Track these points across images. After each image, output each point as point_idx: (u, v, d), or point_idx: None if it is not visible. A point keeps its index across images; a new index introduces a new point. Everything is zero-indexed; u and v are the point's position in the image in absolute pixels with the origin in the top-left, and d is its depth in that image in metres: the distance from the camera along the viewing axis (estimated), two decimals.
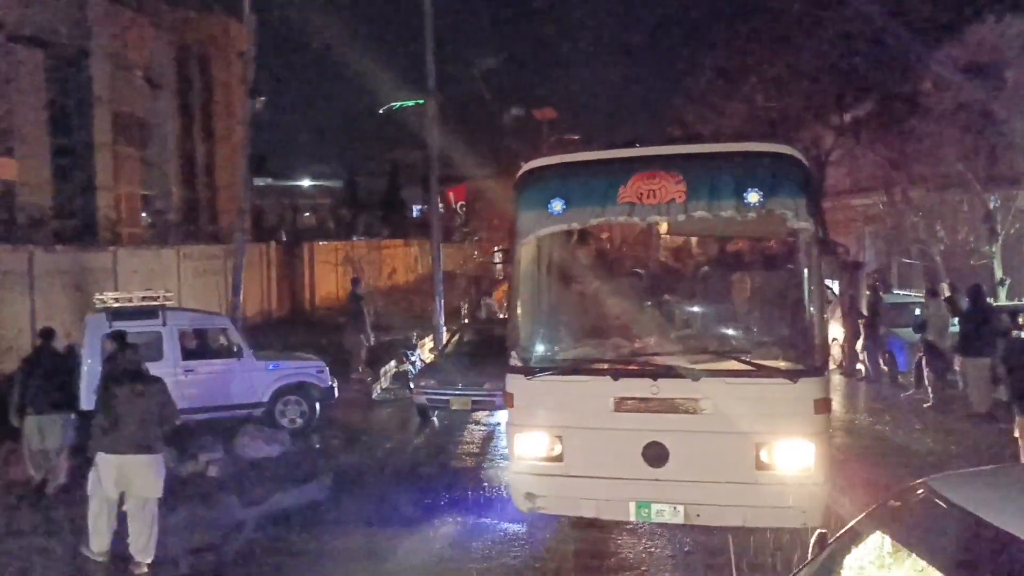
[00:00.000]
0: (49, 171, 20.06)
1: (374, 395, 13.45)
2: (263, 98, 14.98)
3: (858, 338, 13.92)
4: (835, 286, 17.67)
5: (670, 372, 5.89)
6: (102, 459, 6.42)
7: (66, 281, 15.52)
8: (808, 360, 5.86)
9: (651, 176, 6.01)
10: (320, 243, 28.90)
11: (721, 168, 6.00)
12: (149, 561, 6.37)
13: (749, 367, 5.84)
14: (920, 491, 2.64)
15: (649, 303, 6.79)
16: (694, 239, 7.89)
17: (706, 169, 6.03)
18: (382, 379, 14.28)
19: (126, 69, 23.65)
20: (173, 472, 8.69)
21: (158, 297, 10.81)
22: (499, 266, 15.39)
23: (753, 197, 5.77)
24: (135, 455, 6.35)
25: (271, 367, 11.12)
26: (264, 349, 12.04)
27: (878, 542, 2.64)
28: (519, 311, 6.46)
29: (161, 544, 6.55)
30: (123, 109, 23.39)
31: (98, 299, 10.62)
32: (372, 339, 14.77)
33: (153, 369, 7.74)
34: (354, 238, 35.94)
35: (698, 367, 5.88)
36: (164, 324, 10.43)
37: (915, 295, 15.66)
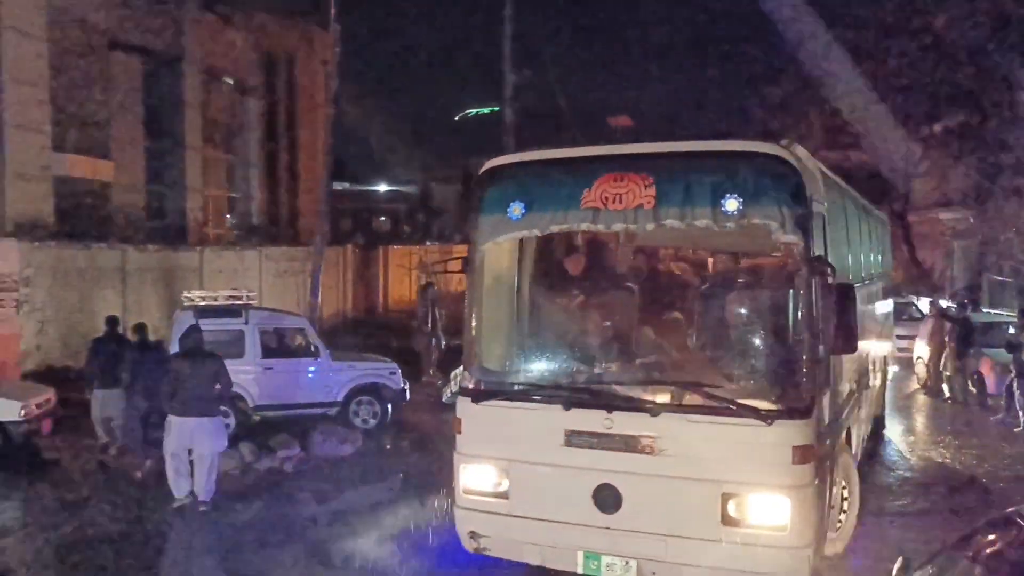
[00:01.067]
0: (143, 173, 20.93)
1: (444, 398, 13.55)
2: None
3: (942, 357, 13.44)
4: (923, 303, 17.02)
5: (626, 404, 5.19)
6: (172, 420, 7.89)
7: (156, 278, 16.22)
8: (788, 399, 4.98)
9: (618, 178, 5.31)
10: (394, 247, 29.42)
11: (696, 171, 5.24)
12: (208, 499, 7.92)
13: (716, 403, 5.03)
14: (1013, 521, 2.55)
15: (612, 323, 6.06)
16: (670, 251, 7.17)
17: (679, 171, 5.27)
18: (452, 383, 14.40)
19: (215, 76, 24.51)
20: (252, 466, 9.16)
21: (241, 297, 11.21)
22: (440, 275, 15.29)
23: (731, 204, 5.00)
24: (197, 417, 7.78)
25: (346, 367, 11.37)
26: (339, 350, 12.32)
27: (967, 571, 2.55)
28: (473, 326, 5.85)
29: (233, 536, 7.07)
30: (212, 114, 24.25)
31: (186, 297, 11.08)
32: (443, 343, 14.93)
33: (234, 365, 9.01)
34: (427, 243, 36.43)
35: (659, 400, 5.17)
36: (247, 323, 10.81)
37: (1007, 314, 15.00)
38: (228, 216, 26.41)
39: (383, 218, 58.57)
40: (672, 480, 5.06)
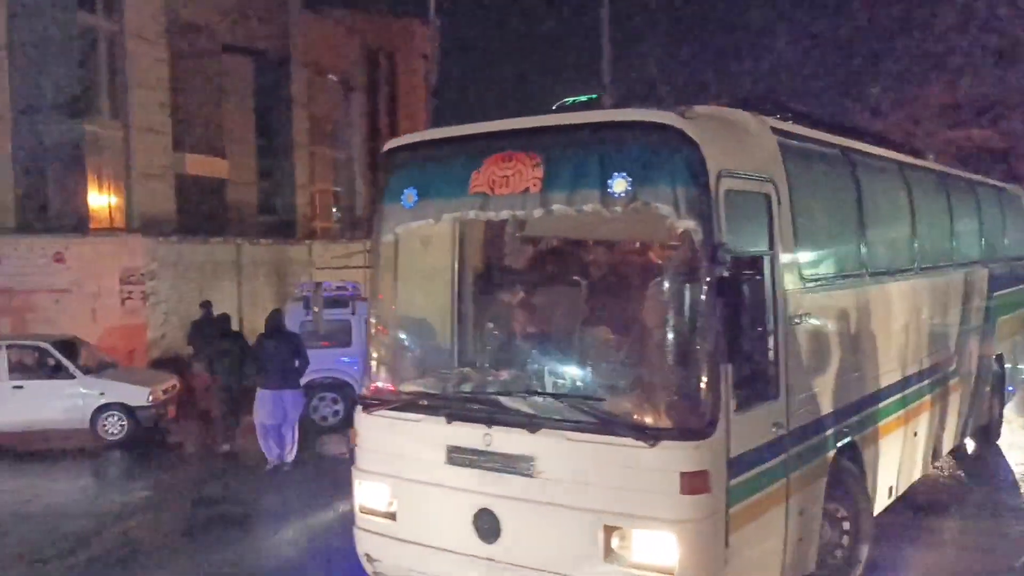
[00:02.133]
0: (254, 170, 21.86)
1: None
2: None
3: None
4: None
5: (505, 419, 4.56)
6: (262, 394, 9.03)
7: (268, 271, 16.98)
8: (679, 416, 4.26)
9: (506, 159, 4.65)
10: None
11: (583, 147, 4.51)
12: (292, 459, 9.33)
13: (594, 419, 4.32)
14: None
15: (498, 324, 5.45)
16: (564, 242, 6.04)
17: (566, 148, 4.56)
18: None
19: (321, 73, 25.28)
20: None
21: (347, 288, 11.70)
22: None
23: (619, 185, 4.26)
24: (280, 390, 8.94)
25: None
26: None
27: None
28: (373, 326, 5.41)
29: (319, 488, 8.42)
30: (317, 111, 25.04)
31: (298, 289, 11.61)
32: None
33: (342, 354, 10.59)
34: None
35: (540, 414, 4.49)
36: (353, 313, 11.21)
37: None
38: (334, 210, 27.26)
39: None
40: (552, 508, 4.38)
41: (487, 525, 4.55)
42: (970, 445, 9.20)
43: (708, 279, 4.15)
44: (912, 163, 7.56)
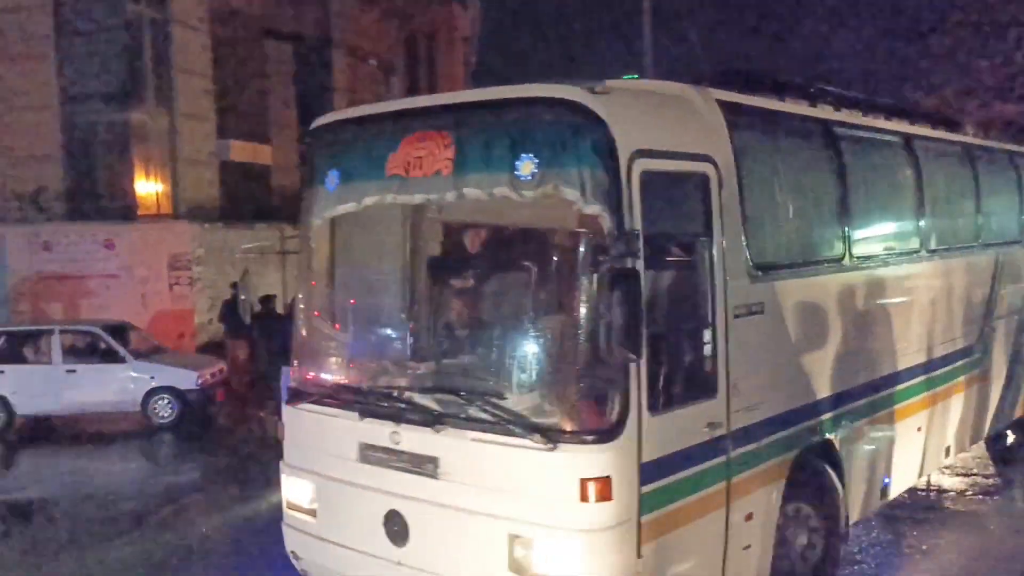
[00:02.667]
0: (296, 155, 22.03)
1: None
2: None
3: None
4: None
5: (412, 416, 4.33)
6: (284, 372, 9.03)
7: None
8: (580, 418, 3.93)
9: (421, 138, 4.34)
10: None
11: (492, 126, 4.18)
12: None
13: (495, 420, 4.03)
14: None
15: (412, 313, 5.18)
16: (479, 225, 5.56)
17: (475, 128, 4.24)
18: None
19: (361, 58, 25.33)
20: None
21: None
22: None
23: (526, 168, 3.94)
24: None
25: None
26: None
27: None
28: (301, 314, 5.17)
29: None
30: (358, 95, 25.11)
31: None
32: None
33: None
34: None
35: (445, 412, 4.23)
36: None
37: None
38: None
39: None
40: (457, 512, 4.15)
41: (396, 528, 4.35)
42: (1010, 437, 8.52)
43: (616, 268, 3.77)
44: (922, 135, 6.83)
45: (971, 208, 7.36)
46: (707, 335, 4.30)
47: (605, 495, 3.84)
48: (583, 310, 3.99)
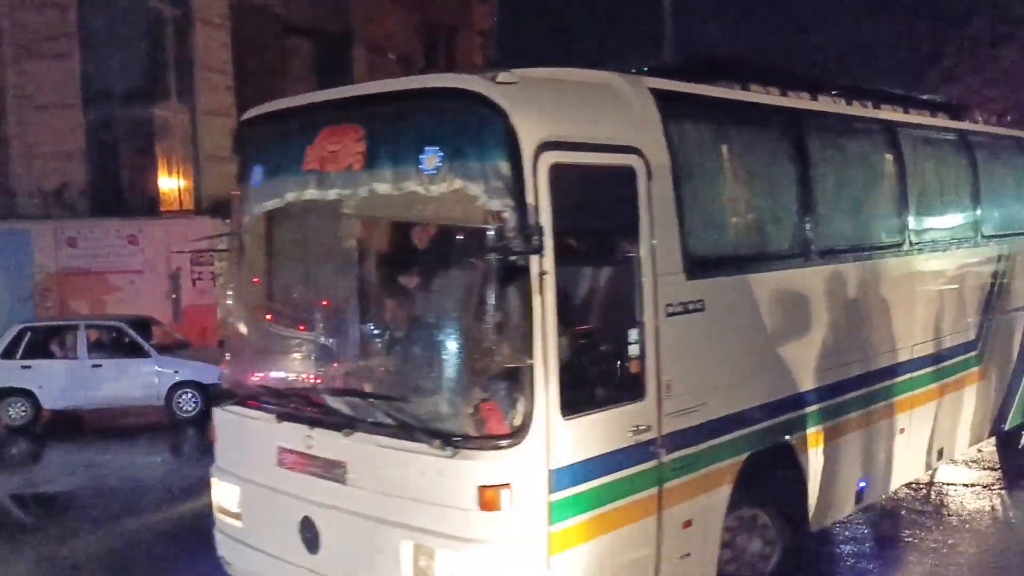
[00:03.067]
0: None
1: None
2: None
3: None
4: None
5: (324, 419, 4.19)
6: None
7: None
8: (479, 422, 3.73)
9: (335, 132, 4.19)
10: None
11: (398, 118, 4.05)
12: None
13: (397, 424, 3.91)
14: None
15: (330, 312, 4.99)
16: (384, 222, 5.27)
17: (383, 120, 4.09)
18: None
19: (380, 52, 25.37)
20: None
21: None
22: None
23: (430, 162, 3.78)
24: None
25: None
26: None
27: None
28: (231, 313, 5.06)
29: None
30: None
31: None
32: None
33: None
34: None
35: (354, 415, 4.10)
36: None
37: None
38: None
39: None
40: (364, 520, 4.01)
41: (310, 535, 4.23)
42: None
43: (508, 266, 3.60)
44: (907, 122, 6.49)
45: (969, 199, 6.98)
46: (633, 335, 4.08)
47: (504, 503, 3.65)
48: (481, 311, 3.76)
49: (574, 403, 3.83)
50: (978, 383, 6.97)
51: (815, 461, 5.21)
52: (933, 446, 6.46)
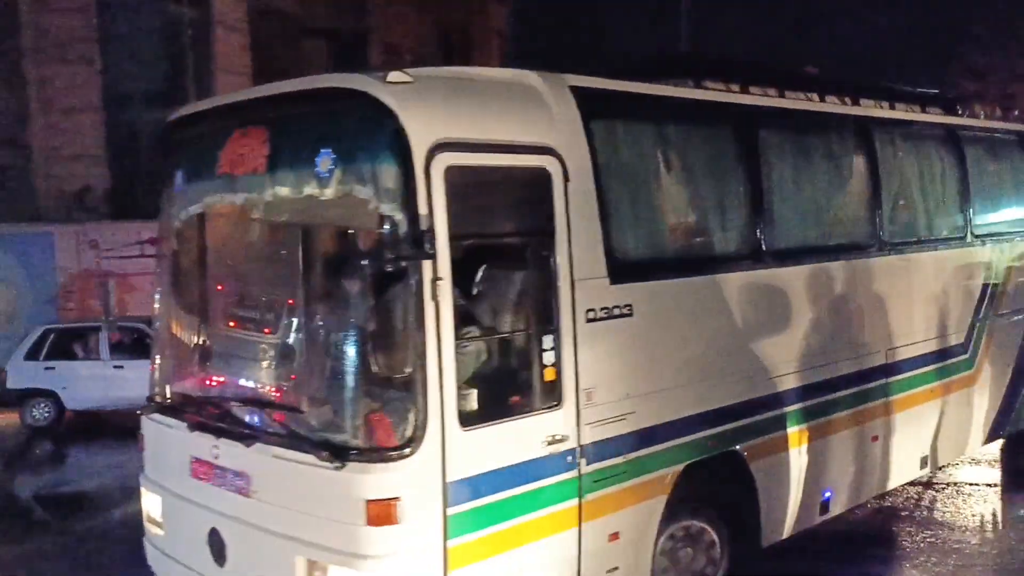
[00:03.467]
0: None
1: None
2: None
3: None
4: None
5: (229, 429, 4.09)
6: None
7: None
8: (367, 433, 3.63)
9: (244, 134, 4.06)
10: None
11: (296, 120, 3.96)
12: None
13: (289, 435, 3.81)
14: None
15: (235, 318, 4.83)
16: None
17: (283, 122, 3.99)
18: None
19: (396, 52, 25.44)
20: None
21: None
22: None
23: (324, 164, 3.65)
24: None
25: None
26: None
27: None
28: (156, 320, 4.97)
29: None
30: None
31: None
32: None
33: None
34: None
35: (256, 426, 4.03)
36: None
37: None
38: None
39: None
40: (263, 533, 3.91)
41: (217, 547, 4.15)
42: None
43: (410, 271, 3.47)
44: (881, 117, 6.19)
45: (956, 198, 6.68)
46: (547, 341, 3.92)
47: (393, 518, 3.51)
48: (371, 318, 3.67)
49: (476, 413, 3.70)
50: (970, 388, 6.73)
51: (769, 471, 5.01)
52: (916, 454, 6.25)
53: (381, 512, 3.52)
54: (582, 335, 4.01)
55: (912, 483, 6.94)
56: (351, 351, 3.81)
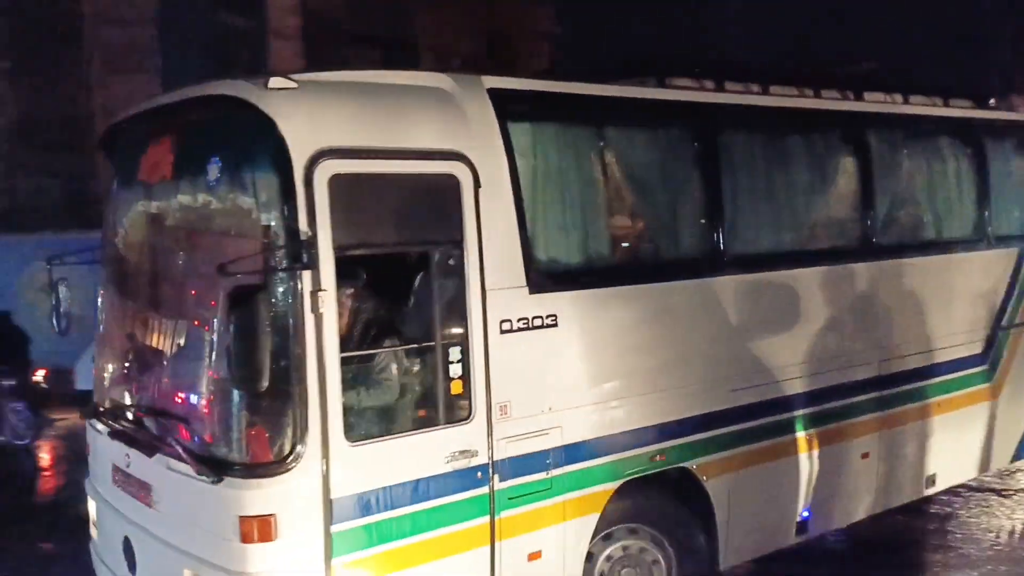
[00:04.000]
0: None
1: None
2: None
3: None
4: None
5: (137, 440, 4.06)
6: None
7: None
8: (243, 448, 3.55)
9: (157, 142, 4.06)
10: None
11: (193, 127, 3.94)
12: None
13: (176, 447, 3.71)
14: None
15: (146, 328, 4.65)
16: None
17: (185, 129, 3.97)
18: None
19: (444, 58, 25.68)
20: None
21: None
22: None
23: (212, 172, 3.62)
24: None
25: None
26: None
27: None
28: (98, 326, 4.97)
29: None
30: None
31: None
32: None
33: None
34: None
35: (157, 435, 3.99)
36: None
37: None
38: None
39: None
40: (160, 545, 3.88)
41: (129, 555, 4.15)
42: None
43: (290, 282, 3.38)
44: (859, 112, 5.74)
45: (970, 198, 6.24)
46: (454, 353, 3.79)
47: (269, 535, 3.43)
48: (252, 331, 3.43)
49: (369, 428, 3.63)
50: (992, 402, 6.34)
51: (729, 490, 4.77)
52: (921, 472, 5.94)
53: (256, 528, 3.45)
54: (496, 347, 3.86)
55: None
56: (231, 365, 3.59)
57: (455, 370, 3.81)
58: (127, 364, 4.67)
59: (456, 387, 3.82)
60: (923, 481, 6.00)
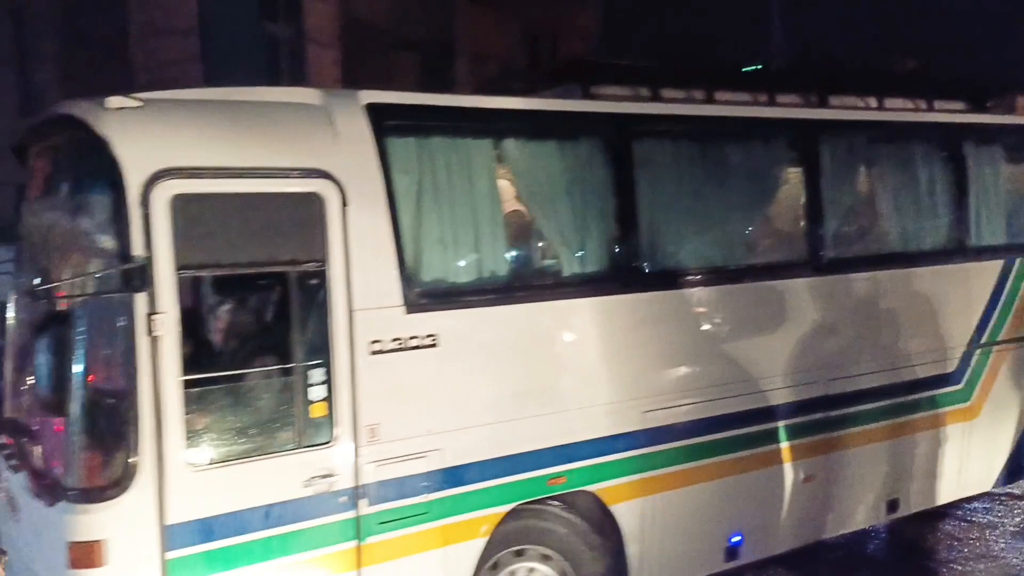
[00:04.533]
0: None
1: None
2: None
3: None
4: None
5: (9, 453, 4.12)
6: None
7: None
8: (72, 472, 3.53)
9: (37, 159, 4.22)
10: None
11: (50, 148, 4.06)
12: None
13: (20, 468, 3.82)
14: None
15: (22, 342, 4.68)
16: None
17: (45, 149, 4.08)
18: None
19: (482, 61, 25.68)
20: None
21: None
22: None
23: (61, 192, 3.74)
24: None
25: None
26: None
27: None
28: (6, 333, 4.94)
29: None
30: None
31: None
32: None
33: None
34: None
35: (17, 454, 4.10)
36: None
37: None
38: None
39: None
40: (20, 562, 3.95)
41: (8, 567, 4.18)
42: None
43: (124, 305, 3.35)
44: (801, 119, 5.47)
45: (940, 206, 5.96)
46: (317, 375, 3.76)
47: (97, 561, 3.41)
48: (88, 354, 3.55)
49: (215, 452, 3.59)
50: (968, 423, 6.03)
51: (641, 514, 4.68)
52: (879, 496, 5.66)
53: (84, 554, 3.43)
54: (364, 368, 3.82)
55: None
56: (67, 387, 3.62)
57: (317, 392, 3.78)
58: (9, 378, 4.72)
59: (317, 410, 3.79)
60: (882, 506, 5.80)
